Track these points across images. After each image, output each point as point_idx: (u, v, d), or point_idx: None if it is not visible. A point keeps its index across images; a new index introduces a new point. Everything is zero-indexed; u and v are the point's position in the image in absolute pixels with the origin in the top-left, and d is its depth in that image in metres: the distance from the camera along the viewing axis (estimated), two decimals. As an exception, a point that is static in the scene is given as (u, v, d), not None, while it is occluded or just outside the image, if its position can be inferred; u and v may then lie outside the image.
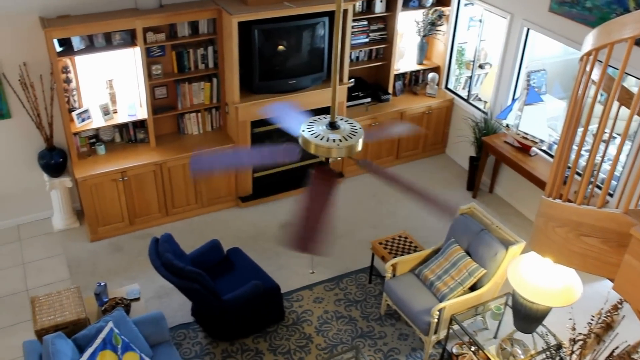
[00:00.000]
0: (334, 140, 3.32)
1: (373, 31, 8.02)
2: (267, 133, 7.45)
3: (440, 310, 5.53)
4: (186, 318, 6.21)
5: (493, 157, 7.80)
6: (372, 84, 8.38)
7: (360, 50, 8.10)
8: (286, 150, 3.52)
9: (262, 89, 7.18)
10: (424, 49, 8.46)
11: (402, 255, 6.33)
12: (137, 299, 5.76)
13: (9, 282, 6.70)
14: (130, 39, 6.77)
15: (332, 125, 3.39)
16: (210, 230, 7.38)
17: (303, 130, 3.40)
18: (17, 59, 6.55)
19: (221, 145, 7.30)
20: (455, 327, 5.60)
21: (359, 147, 3.41)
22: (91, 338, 4.88)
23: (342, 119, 3.48)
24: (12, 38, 6.45)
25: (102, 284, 5.62)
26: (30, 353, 4.81)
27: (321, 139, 3.32)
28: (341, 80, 7.56)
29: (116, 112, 7.09)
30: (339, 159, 3.50)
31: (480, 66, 8.42)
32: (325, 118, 3.46)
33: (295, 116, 3.74)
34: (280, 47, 7.13)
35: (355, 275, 6.79)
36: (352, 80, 7.89)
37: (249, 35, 6.81)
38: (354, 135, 3.38)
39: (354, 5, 7.49)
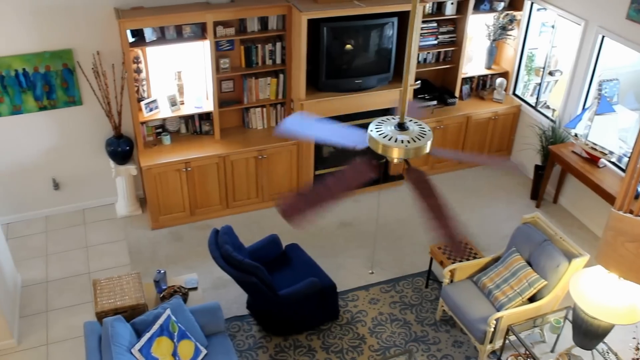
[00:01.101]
0: (402, 141, 3.29)
1: (442, 33, 7.93)
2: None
3: (497, 320, 5.44)
4: (241, 310, 6.27)
5: (559, 166, 7.61)
6: (438, 87, 8.29)
7: (428, 52, 8.02)
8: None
9: (328, 86, 7.19)
10: (493, 54, 8.33)
11: (461, 261, 6.24)
12: (195, 289, 5.83)
13: (72, 263, 6.89)
14: (200, 32, 6.86)
15: (401, 126, 3.36)
16: (269, 225, 7.42)
17: (371, 131, 3.38)
18: (91, 48, 6.72)
19: (283, 142, 7.35)
20: (512, 337, 5.50)
21: (427, 150, 3.38)
22: (149, 323, 4.97)
23: (410, 120, 3.44)
24: (87, 28, 6.63)
25: (162, 271, 5.71)
26: (90, 333, 4.93)
27: (389, 140, 3.29)
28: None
29: (183, 104, 7.21)
30: (409, 159, 3.47)
31: (550, 73, 8.23)
32: (394, 118, 3.43)
33: (341, 128, 3.74)
34: (348, 46, 7.11)
35: (412, 278, 6.72)
36: (419, 82, 7.82)
37: (317, 33, 6.82)
38: (423, 137, 3.35)
39: (424, 7, 7.42)
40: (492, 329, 5.44)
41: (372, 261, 6.87)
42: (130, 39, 6.63)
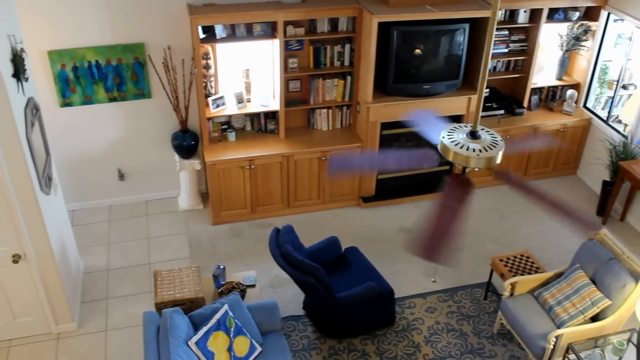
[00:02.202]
0: (473, 150, 3.23)
1: (513, 42, 7.78)
2: (395, 136, 7.41)
3: (557, 337, 5.29)
4: (297, 310, 6.26)
5: (629, 183, 7.38)
6: (506, 96, 8.14)
7: (498, 61, 7.88)
8: (424, 155, 3.47)
9: (395, 91, 7.13)
10: (565, 64, 8.13)
11: (522, 274, 6.10)
12: (253, 286, 5.85)
13: (134, 253, 7.01)
14: (270, 31, 6.90)
15: (473, 135, 3.30)
16: (329, 227, 7.41)
17: (443, 137, 3.32)
18: (163, 43, 6.83)
19: (349, 144, 7.33)
20: (572, 356, 5.34)
21: (498, 160, 3.31)
22: (206, 317, 5.00)
23: (483, 129, 3.38)
24: (160, 22, 6.73)
25: (221, 267, 5.75)
26: (149, 323, 4.99)
27: (461, 148, 3.24)
28: (476, 89, 7.39)
29: (249, 101, 7.26)
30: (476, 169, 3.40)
31: (624, 87, 7.98)
32: (466, 126, 3.37)
33: (435, 123, 3.68)
34: (417, 51, 7.05)
35: (470, 289, 6.61)
36: (487, 90, 7.70)
37: (387, 36, 6.78)
38: (495, 146, 3.28)
39: (497, 14, 7.28)
40: (552, 346, 5.30)
41: (435, 270, 6.78)
42: (201, 35, 6.72)
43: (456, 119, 7.47)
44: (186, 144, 7.18)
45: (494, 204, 7.90)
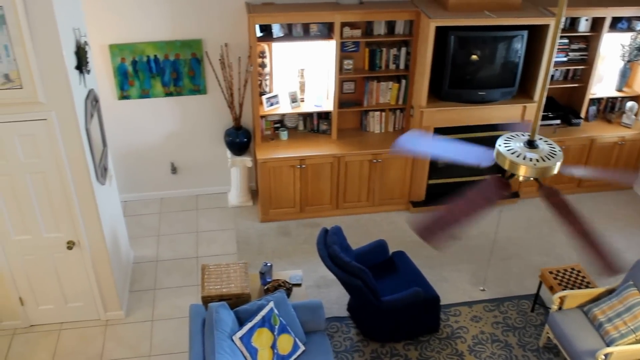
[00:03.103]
0: (530, 159, 3.18)
1: (573, 50, 7.64)
2: (447, 141, 7.35)
3: (606, 355, 5.18)
4: (341, 312, 6.26)
5: (688, 200, 7.19)
6: (563, 106, 7.99)
7: (557, 69, 7.74)
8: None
9: (450, 96, 7.07)
10: (626, 75, 7.94)
11: (572, 288, 5.99)
12: (299, 285, 5.87)
13: (182, 246, 7.11)
14: (327, 32, 6.92)
15: (531, 144, 3.25)
16: (376, 230, 7.39)
17: (500, 145, 3.28)
18: (220, 40, 6.91)
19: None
20: (621, 375, 5.23)
21: (555, 171, 3.25)
22: (252, 314, 5.04)
23: (541, 139, 3.32)
24: (218, 20, 6.81)
25: (269, 264, 5.78)
26: (195, 316, 5.05)
27: (517, 156, 3.19)
28: (532, 97, 7.27)
29: (303, 101, 7.29)
30: (531, 179, 3.34)
31: (687, 101, 7.79)
32: (523, 135, 3.32)
33: (464, 146, 3.65)
34: (474, 57, 6.97)
35: (517, 300, 6.51)
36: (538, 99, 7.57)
37: (444, 41, 6.72)
38: (552, 157, 3.22)
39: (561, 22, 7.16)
40: (601, 364, 5.20)
41: (484, 278, 6.70)
42: (258, 34, 6.77)
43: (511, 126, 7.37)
44: (239, 140, 7.25)
45: (545, 215, 7.76)
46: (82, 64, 5.03)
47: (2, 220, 5.24)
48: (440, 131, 7.22)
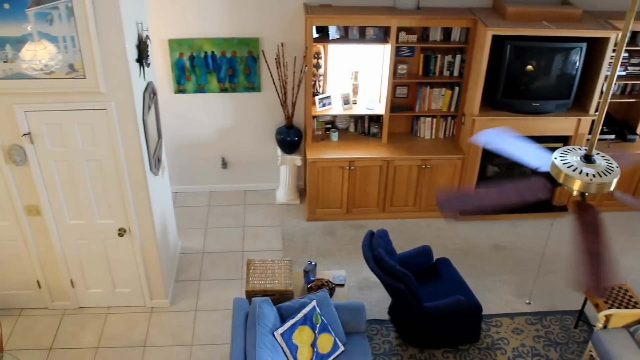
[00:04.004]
0: (587, 174, 3.16)
1: (633, 65, 7.49)
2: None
3: (650, 376, 5.10)
4: (382, 315, 6.28)
5: None
6: (619, 121, 7.86)
7: (615, 83, 7.62)
8: (535, 185, 3.42)
9: (503, 105, 7.02)
10: (686, 94, 7.78)
11: (618, 307, 5.89)
12: (342, 285, 5.91)
13: (229, 240, 7.23)
14: (382, 36, 6.94)
15: (588, 159, 3.23)
16: (421, 235, 7.39)
17: (555, 158, 3.27)
18: (277, 39, 6.99)
19: (450, 155, 7.29)
20: (664, 398, 5.13)
21: (612, 187, 3.23)
22: (294, 311, 5.11)
23: (598, 154, 3.30)
24: (276, 19, 6.90)
25: (313, 263, 5.84)
26: (238, 309, 5.14)
27: (573, 170, 3.18)
28: (587, 110, 7.17)
29: (355, 103, 7.33)
30: (589, 194, 3.31)
31: None
32: (580, 149, 3.30)
33: (532, 148, 3.63)
34: (529, 67, 6.91)
35: (561, 315, 6.44)
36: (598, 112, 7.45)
37: (500, 50, 6.68)
38: (610, 173, 3.20)
39: (617, 35, 7.05)
40: (644, 385, 5.11)
41: (531, 291, 6.64)
42: (315, 35, 6.84)
43: (562, 140, 7.28)
44: (290, 139, 7.33)
45: (595, 231, 7.63)
46: (142, 57, 5.17)
47: (58, 204, 5.43)
48: (491, 140, 7.18)
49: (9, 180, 5.25)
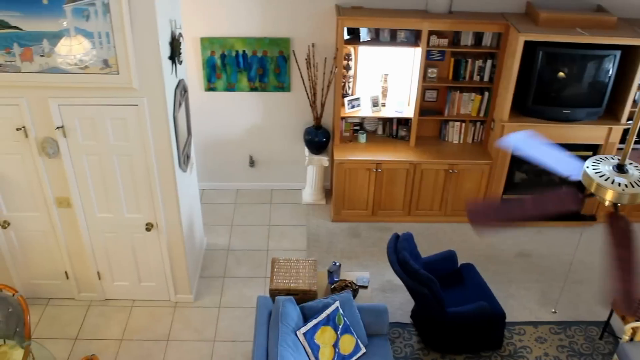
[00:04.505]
0: (619, 184, 3.13)
1: (667, 75, 7.41)
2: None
3: (675, 391, 5.03)
4: (404, 318, 6.28)
5: None
6: (651, 131, 7.77)
7: (648, 93, 7.53)
8: (566, 196, 3.39)
9: (533, 112, 6.97)
10: None
11: (643, 319, 5.83)
12: (365, 287, 5.92)
13: (254, 238, 7.27)
14: (413, 39, 6.94)
15: (620, 168, 3.20)
16: (446, 240, 7.37)
17: (587, 167, 3.24)
18: (308, 40, 7.03)
19: (478, 160, 7.26)
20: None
21: None
22: (317, 311, 5.13)
23: (631, 164, 3.27)
24: (307, 20, 6.93)
25: (337, 264, 5.86)
26: (262, 307, 5.17)
27: (605, 180, 3.15)
28: (619, 119, 7.10)
29: (384, 106, 7.33)
30: (620, 204, 3.28)
31: None
32: (612, 159, 3.27)
33: (562, 155, 3.60)
34: (561, 74, 6.86)
35: (585, 326, 6.37)
36: (631, 122, 7.38)
37: (531, 56, 6.64)
38: (643, 183, 3.17)
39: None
40: (668, 400, 5.04)
41: (556, 301, 6.58)
42: (346, 36, 6.85)
43: (592, 148, 7.22)
44: (318, 140, 7.35)
45: (623, 241, 7.55)
46: (175, 55, 5.23)
47: (88, 197, 5.51)
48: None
49: (42, 172, 5.35)
